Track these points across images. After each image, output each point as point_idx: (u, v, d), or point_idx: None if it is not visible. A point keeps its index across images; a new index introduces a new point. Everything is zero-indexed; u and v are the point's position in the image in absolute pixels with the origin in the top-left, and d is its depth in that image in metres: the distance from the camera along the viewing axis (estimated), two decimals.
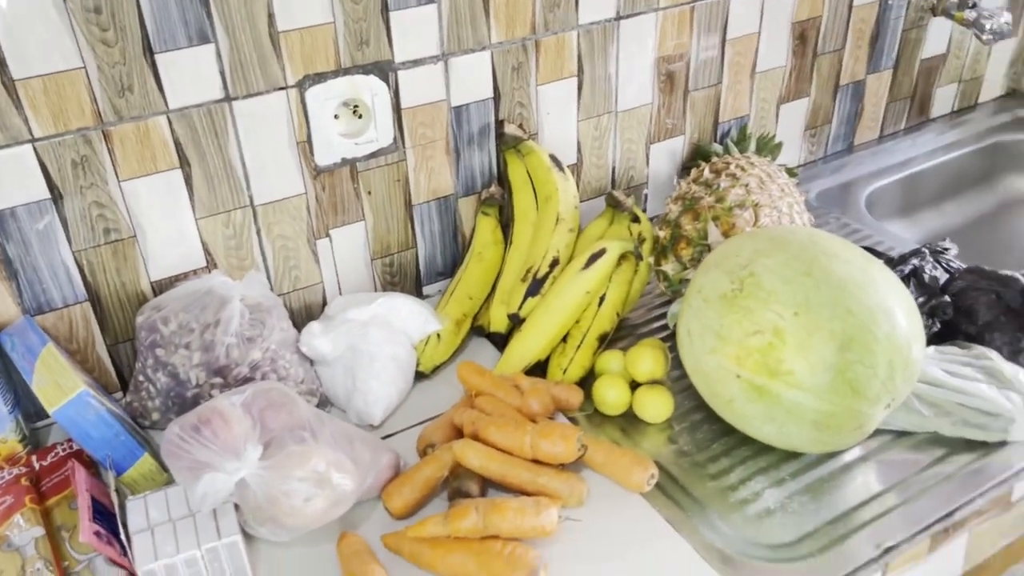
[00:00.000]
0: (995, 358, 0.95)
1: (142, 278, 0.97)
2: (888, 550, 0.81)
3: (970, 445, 0.91)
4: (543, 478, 0.84)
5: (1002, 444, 0.91)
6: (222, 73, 0.91)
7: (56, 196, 0.88)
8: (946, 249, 1.10)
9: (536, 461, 0.85)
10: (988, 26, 1.36)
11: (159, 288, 0.98)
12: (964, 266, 1.09)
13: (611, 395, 0.96)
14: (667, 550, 0.81)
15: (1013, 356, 0.98)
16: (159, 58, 0.87)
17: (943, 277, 1.08)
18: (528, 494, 0.84)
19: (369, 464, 0.82)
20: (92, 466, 0.88)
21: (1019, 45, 1.63)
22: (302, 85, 0.96)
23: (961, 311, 1.03)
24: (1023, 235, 1.57)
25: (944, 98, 1.60)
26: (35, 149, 0.85)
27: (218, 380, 0.90)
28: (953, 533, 0.87)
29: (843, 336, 0.80)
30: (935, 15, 1.46)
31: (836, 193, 1.42)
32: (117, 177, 0.90)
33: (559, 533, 0.82)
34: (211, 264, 1.00)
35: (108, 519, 0.79)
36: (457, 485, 0.84)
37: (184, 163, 0.93)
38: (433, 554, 0.77)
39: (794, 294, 0.82)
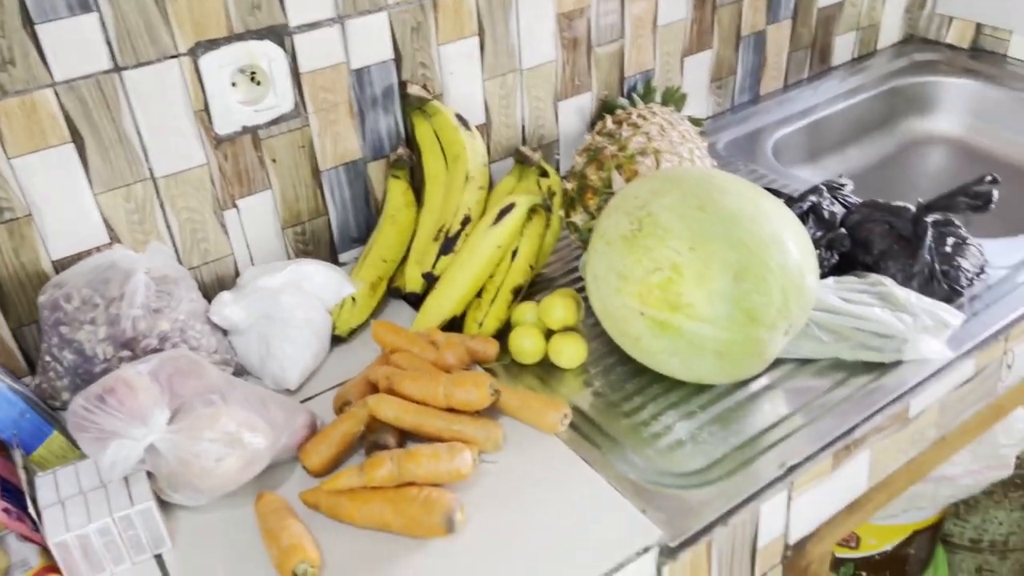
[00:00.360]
0: (889, 284, 1.00)
1: (42, 258, 0.95)
2: (792, 469, 0.85)
3: (868, 367, 0.96)
4: (458, 425, 0.85)
5: (897, 364, 0.96)
6: (108, 42, 0.89)
7: None
8: (842, 185, 1.14)
9: (451, 410, 0.87)
10: None
11: (61, 267, 0.96)
12: (859, 200, 1.13)
13: (526, 343, 0.98)
14: (583, 486, 0.83)
15: (906, 281, 1.03)
16: (40, 29, 0.85)
17: (840, 212, 1.12)
18: (445, 442, 0.85)
19: (283, 424, 0.83)
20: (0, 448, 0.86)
21: None
22: (194, 53, 0.95)
23: (858, 243, 1.07)
24: (924, 174, 1.63)
25: (844, 46, 1.65)
26: None
27: (126, 353, 0.89)
28: (854, 450, 0.91)
29: (737, 266, 0.83)
30: None
31: (744, 142, 1.46)
32: (6, 153, 0.88)
33: (477, 477, 0.84)
34: (114, 240, 0.98)
35: (16, 497, 0.78)
36: (374, 439, 0.85)
37: (76, 136, 0.91)
38: (351, 506, 0.78)
39: (689, 229, 0.85)
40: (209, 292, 1.06)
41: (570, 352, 0.98)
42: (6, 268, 0.93)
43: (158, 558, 0.78)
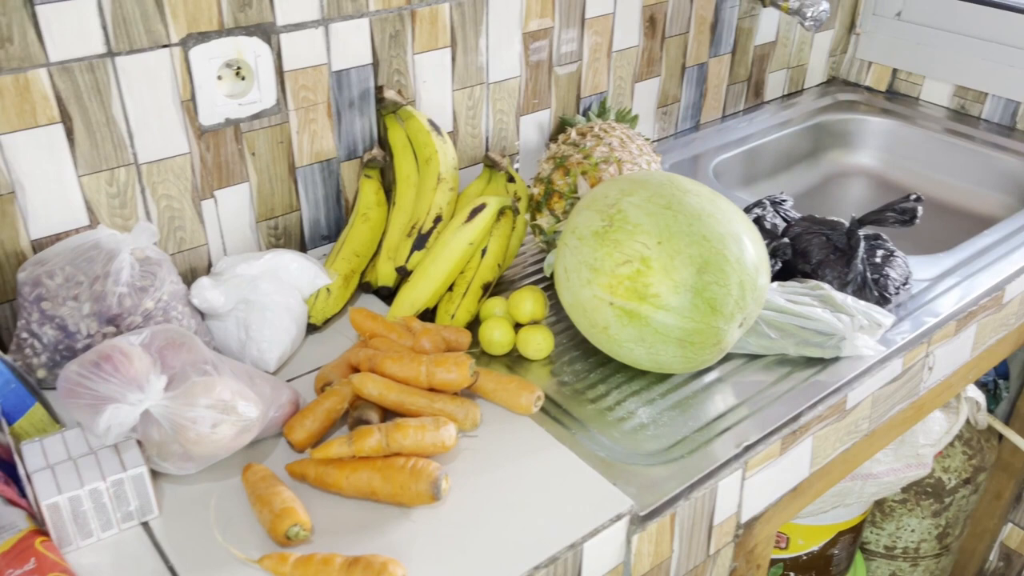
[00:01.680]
0: (827, 288, 1.09)
1: (21, 236, 0.96)
2: (747, 448, 0.92)
3: (810, 362, 1.04)
4: (438, 403, 0.89)
5: (836, 360, 1.05)
6: (104, 28, 0.92)
7: None
8: (783, 200, 1.25)
9: (431, 390, 0.91)
10: (809, 13, 1.53)
11: (39, 247, 0.97)
12: (799, 215, 1.23)
13: (496, 335, 1.03)
14: (556, 461, 0.88)
15: (842, 288, 1.12)
16: (39, 9, 0.87)
17: (781, 224, 1.22)
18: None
19: (271, 398, 0.85)
20: None
21: (835, 36, 1.83)
22: (186, 44, 0.98)
23: (798, 252, 1.17)
24: (843, 201, 1.76)
25: (776, 83, 1.78)
26: None
27: (111, 329, 0.90)
28: (800, 436, 0.99)
29: (700, 260, 0.91)
30: (764, 5, 1.62)
31: (687, 164, 1.56)
32: None
33: (456, 452, 0.88)
34: (94, 223, 1.00)
35: (2, 465, 0.78)
36: (357, 415, 0.88)
37: (65, 118, 0.93)
38: (338, 474, 0.81)
39: (657, 225, 0.92)
40: (183, 280, 1.07)
41: (538, 343, 1.03)
42: None
43: (145, 525, 0.80)
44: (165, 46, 0.97)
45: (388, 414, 0.91)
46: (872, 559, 1.81)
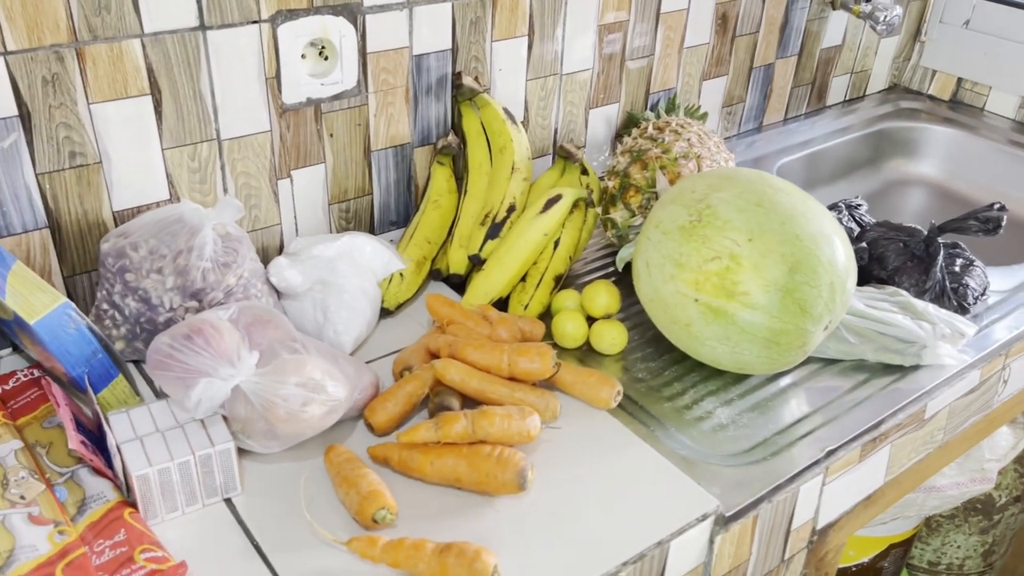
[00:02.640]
0: (906, 295, 1.07)
1: (104, 207, 0.95)
2: (830, 453, 0.90)
3: (887, 369, 1.02)
4: (519, 393, 0.88)
5: (915, 368, 1.03)
6: (199, 1, 0.91)
7: (24, 114, 0.86)
8: (859, 205, 1.23)
9: (511, 379, 0.90)
10: (882, 18, 1.51)
11: (120, 219, 0.97)
12: (874, 220, 1.21)
13: (570, 327, 1.02)
14: (638, 457, 0.87)
15: (919, 296, 1.10)
16: None
17: (856, 229, 1.20)
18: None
19: (355, 380, 0.84)
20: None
21: (900, 43, 1.81)
22: (275, 20, 0.97)
23: (873, 257, 1.15)
24: (904, 210, 1.74)
25: (838, 87, 1.76)
26: (6, 62, 0.83)
27: (193, 304, 0.89)
28: (879, 443, 0.97)
29: (792, 259, 0.89)
30: (834, 8, 1.60)
31: (749, 166, 1.54)
32: (87, 99, 0.89)
33: (537, 444, 0.87)
34: (174, 197, 0.99)
35: (87, 434, 0.78)
36: (439, 400, 0.87)
37: (155, 90, 0.93)
38: (423, 459, 0.80)
39: (748, 222, 0.90)
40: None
41: (612, 338, 1.02)
42: (69, 214, 0.93)
43: (228, 502, 0.79)
44: (255, 22, 0.96)
45: (468, 402, 0.90)
46: (915, 574, 1.79)
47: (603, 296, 1.03)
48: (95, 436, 0.79)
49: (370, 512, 0.74)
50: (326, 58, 1.03)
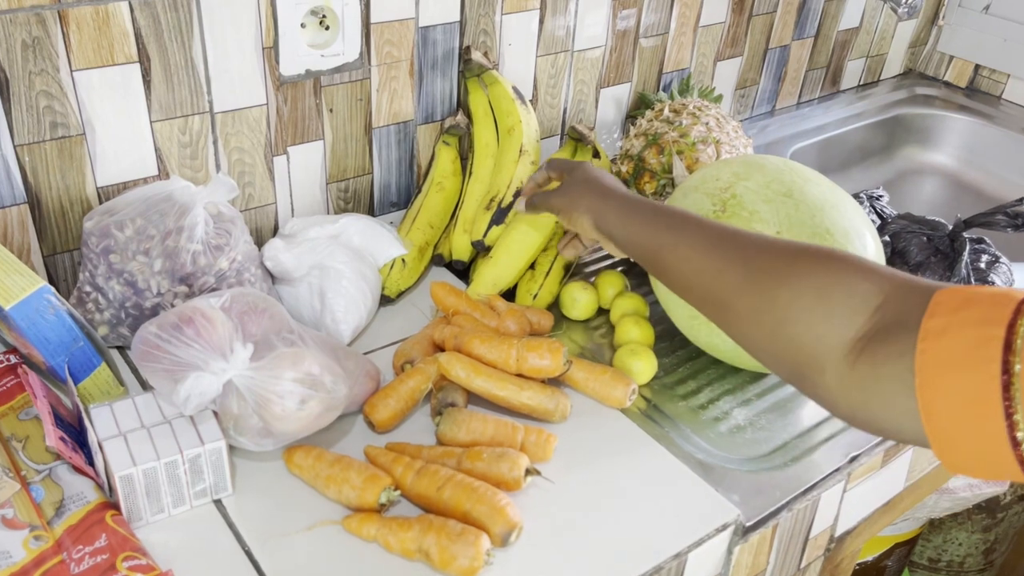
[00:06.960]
0: None
1: (88, 182, 0.89)
2: (854, 458, 0.86)
3: None
4: (528, 392, 0.83)
5: None
6: None
7: (1, 80, 0.80)
8: (880, 196, 1.17)
9: (519, 376, 0.85)
10: (905, 0, 1.45)
11: (105, 195, 0.91)
12: (896, 212, 1.16)
13: (634, 333, 0.95)
14: (654, 461, 0.82)
15: None
16: None
17: (878, 221, 1.15)
18: (512, 409, 0.83)
19: (355, 374, 0.79)
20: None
21: (917, 27, 1.75)
22: None
23: (895, 252, 1.10)
24: (918, 199, 1.69)
25: (853, 71, 1.70)
26: None
27: (182, 289, 0.84)
28: (902, 448, 0.93)
29: None
30: None
31: (761, 151, 1.48)
32: (70, 65, 0.82)
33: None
34: (163, 173, 0.93)
35: (67, 428, 0.72)
36: (442, 397, 0.82)
37: (144, 57, 0.86)
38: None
39: (776, 213, 0.85)
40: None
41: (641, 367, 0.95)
42: (50, 189, 0.87)
43: (218, 503, 0.74)
44: None
45: (472, 399, 0.85)
46: (915, 571, 1.76)
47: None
48: (75, 430, 0.74)
49: (376, 494, 0.70)
50: (327, 28, 0.97)
